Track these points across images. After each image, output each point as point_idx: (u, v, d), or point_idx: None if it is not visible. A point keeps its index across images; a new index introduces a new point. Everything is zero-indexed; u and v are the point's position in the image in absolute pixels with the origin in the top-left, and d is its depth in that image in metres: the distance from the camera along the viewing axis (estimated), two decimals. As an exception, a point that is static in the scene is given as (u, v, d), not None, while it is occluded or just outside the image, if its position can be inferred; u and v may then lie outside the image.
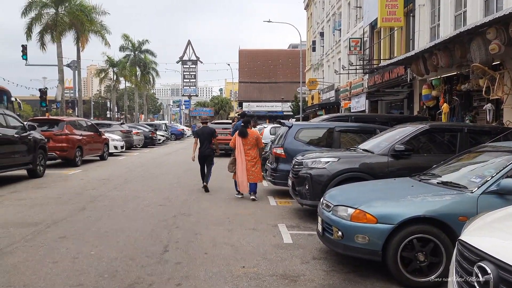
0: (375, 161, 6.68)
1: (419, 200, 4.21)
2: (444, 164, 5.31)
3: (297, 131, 9.26)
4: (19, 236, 5.85)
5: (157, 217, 7.09)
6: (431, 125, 7.05)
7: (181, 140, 40.52)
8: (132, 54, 52.06)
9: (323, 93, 35.50)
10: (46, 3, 29.41)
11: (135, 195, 9.26)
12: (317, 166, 6.88)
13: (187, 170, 14.42)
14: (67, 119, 16.18)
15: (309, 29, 44.84)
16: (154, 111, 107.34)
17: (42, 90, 26.77)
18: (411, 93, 17.71)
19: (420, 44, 15.82)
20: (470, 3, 12.90)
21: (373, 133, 9.00)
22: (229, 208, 8.00)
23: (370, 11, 19.98)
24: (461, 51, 11.52)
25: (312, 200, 6.71)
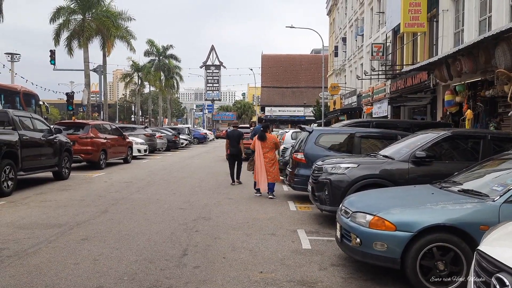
0: (395, 167, 6.61)
1: (439, 208, 4.15)
2: (465, 171, 5.22)
3: (317, 136, 9.26)
4: (43, 237, 6.04)
5: (178, 221, 7.20)
6: (453, 132, 6.94)
7: (204, 144, 40.88)
8: (157, 59, 52.98)
9: (345, 98, 35.27)
10: (73, 9, 30.31)
11: (156, 198, 9.42)
12: (336, 171, 6.86)
13: (209, 174, 14.58)
14: (92, 123, 16.60)
15: (331, 34, 44.68)
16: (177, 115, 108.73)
17: (69, 94, 27.56)
18: (434, 99, 17.42)
19: (444, 49, 15.57)
20: (495, 8, 12.63)
21: (394, 139, 8.89)
22: (249, 212, 8.05)
23: (392, 16, 19.79)
24: (485, 56, 11.30)
25: (332, 205, 6.69)
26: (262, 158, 10.00)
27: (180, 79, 57.78)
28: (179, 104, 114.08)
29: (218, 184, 11.99)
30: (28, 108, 15.99)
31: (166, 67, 53.62)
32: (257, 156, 10.12)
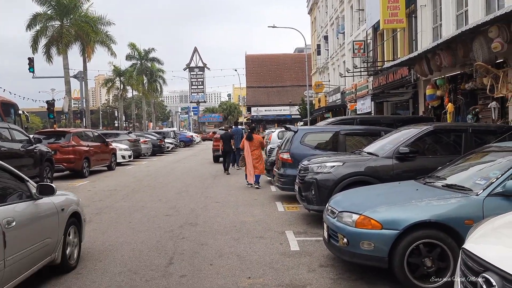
0: (380, 164, 6.62)
1: (424, 204, 4.15)
2: (449, 166, 5.25)
3: (302, 135, 9.24)
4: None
5: (163, 228, 7.09)
6: (435, 126, 6.98)
7: (190, 146, 40.61)
8: (139, 63, 52.47)
9: (329, 96, 35.44)
10: (50, 15, 29.79)
11: (142, 206, 9.28)
12: (322, 170, 6.84)
13: (196, 177, 14.46)
14: (73, 131, 16.32)
15: (313, 33, 44.87)
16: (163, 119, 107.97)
17: (50, 102, 27.04)
18: (416, 93, 17.60)
19: (423, 44, 15.72)
20: (472, 2, 12.80)
21: (378, 135, 8.92)
22: (236, 216, 7.98)
23: (372, 14, 19.93)
24: (463, 50, 11.44)
25: (319, 205, 6.67)
26: (250, 155, 11.75)
27: (164, 82, 57.39)
28: (164, 108, 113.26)
29: (205, 188, 11.89)
30: (8, 118, 15.60)
31: (149, 70, 53.14)
32: (246, 153, 11.91)
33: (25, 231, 4.00)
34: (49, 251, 4.53)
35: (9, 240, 3.62)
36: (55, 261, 4.72)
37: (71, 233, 5.13)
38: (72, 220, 5.15)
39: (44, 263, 4.48)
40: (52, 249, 4.58)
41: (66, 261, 4.90)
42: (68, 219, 5.00)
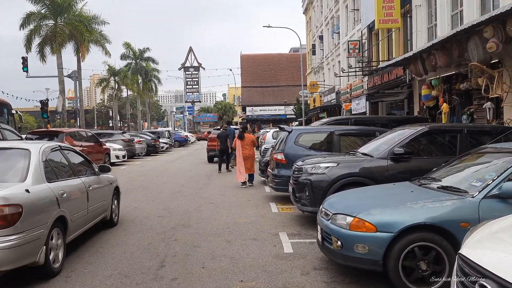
0: (374, 165, 6.56)
1: (419, 207, 4.08)
2: (444, 167, 5.19)
3: (297, 136, 9.17)
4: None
5: (156, 230, 6.98)
6: (430, 127, 6.92)
7: (185, 146, 40.45)
8: (134, 62, 52.20)
9: (324, 96, 35.43)
10: (44, 14, 29.52)
11: (134, 207, 9.17)
12: (316, 171, 6.77)
13: (190, 178, 14.35)
14: (66, 131, 16.16)
15: (308, 33, 44.85)
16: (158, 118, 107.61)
17: (43, 102, 26.78)
18: (411, 93, 17.59)
19: (418, 44, 15.71)
20: (466, 2, 12.79)
21: (373, 135, 8.86)
22: (230, 217, 7.89)
23: (367, 13, 19.90)
24: (459, 50, 11.42)
25: (313, 206, 6.59)
26: (241, 154, 11.89)
27: (159, 82, 57.14)
28: (158, 107, 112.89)
29: (199, 188, 11.79)
30: (1, 117, 15.44)
31: (144, 70, 52.89)
32: (237, 152, 12.09)
33: (95, 193, 6.36)
34: (104, 210, 6.86)
35: (90, 197, 6.09)
36: (106, 218, 7.01)
37: (115, 201, 7.48)
38: (115, 191, 7.55)
39: (101, 218, 6.75)
40: (106, 208, 6.93)
41: (112, 219, 7.25)
42: (113, 190, 7.41)
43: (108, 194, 7.02)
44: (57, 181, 5.27)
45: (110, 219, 7.09)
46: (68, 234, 5.27)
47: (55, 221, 4.85)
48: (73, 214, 5.43)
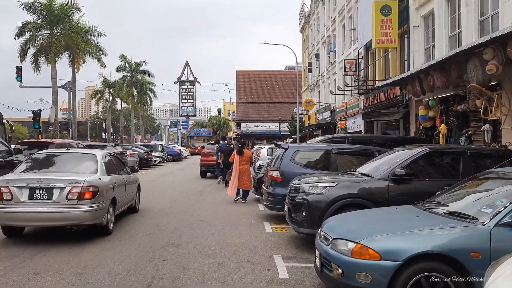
0: (374, 186, 6.31)
1: (426, 234, 3.82)
2: (449, 191, 4.96)
3: (293, 153, 8.92)
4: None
5: (144, 248, 6.64)
6: (431, 148, 6.72)
7: (178, 161, 40.01)
8: (129, 75, 52.03)
9: (319, 114, 35.39)
10: (40, 24, 29.34)
11: (122, 222, 8.80)
12: (314, 191, 6.50)
13: (182, 193, 14.00)
14: (57, 142, 15.77)
15: (304, 50, 45.12)
16: (152, 132, 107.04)
17: (35, 112, 26.38)
18: (407, 113, 17.50)
19: (415, 65, 15.69)
20: (465, 24, 12.79)
21: (371, 155, 8.66)
22: (222, 236, 7.56)
23: (364, 33, 19.98)
24: (457, 71, 11.34)
25: (310, 228, 6.31)
26: (238, 168, 12.00)
27: (154, 95, 56.87)
28: (153, 121, 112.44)
29: (191, 205, 11.45)
30: (-9, 127, 15.11)
31: (139, 83, 52.69)
32: (235, 167, 12.20)
33: (129, 186, 9.02)
34: (133, 198, 9.68)
35: (126, 188, 8.70)
36: (132, 205, 9.78)
37: (137, 194, 10.20)
38: (138, 187, 10.32)
39: (130, 204, 9.54)
40: (133, 198, 9.75)
41: (136, 206, 10.06)
42: (137, 186, 10.19)
43: (135, 188, 9.92)
44: (111, 175, 8.07)
45: (134, 206, 10.00)
46: (115, 210, 8.08)
47: (111, 200, 7.69)
48: (119, 197, 8.25)
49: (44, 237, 7.43)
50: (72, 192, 6.91)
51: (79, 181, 7.04)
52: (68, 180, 7.03)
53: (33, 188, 6.90)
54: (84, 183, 7.01)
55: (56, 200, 6.90)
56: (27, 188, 6.91)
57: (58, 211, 6.88)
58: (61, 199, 6.90)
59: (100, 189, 7.13)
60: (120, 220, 8.99)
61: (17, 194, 6.87)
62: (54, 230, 7.53)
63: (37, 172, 7.66)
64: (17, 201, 6.86)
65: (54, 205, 6.89)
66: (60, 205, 6.89)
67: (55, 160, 8.28)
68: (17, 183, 6.96)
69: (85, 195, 6.94)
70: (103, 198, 7.25)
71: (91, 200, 6.95)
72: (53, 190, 6.93)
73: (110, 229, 7.67)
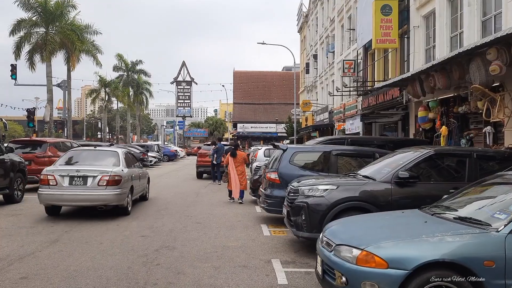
0: (377, 189, 6.08)
1: (437, 241, 3.59)
2: (457, 195, 4.73)
3: (292, 154, 8.69)
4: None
5: (137, 251, 6.38)
6: (436, 150, 6.49)
7: (174, 161, 39.69)
8: (125, 74, 51.67)
9: (316, 115, 35.18)
10: (36, 22, 28.96)
11: (116, 224, 8.54)
12: (314, 194, 6.26)
13: (177, 194, 13.73)
14: (50, 141, 15.49)
15: (302, 51, 44.93)
16: (148, 132, 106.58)
17: (30, 110, 26.04)
18: (406, 115, 17.32)
19: (415, 65, 15.51)
20: (467, 25, 12.61)
21: (372, 157, 8.45)
22: (218, 239, 7.31)
23: (363, 33, 19.79)
24: (459, 72, 11.16)
25: (309, 232, 6.08)
26: (235, 171, 12.01)
27: (150, 95, 56.54)
28: (149, 121, 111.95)
29: (186, 206, 11.19)
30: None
31: (135, 82, 52.34)
32: (230, 169, 12.14)
33: (142, 178, 11.05)
34: (144, 188, 11.53)
35: (140, 179, 10.78)
36: (144, 194, 11.56)
37: (147, 185, 12.18)
38: (148, 179, 12.29)
39: (142, 193, 11.43)
40: (145, 188, 11.59)
41: (146, 196, 11.90)
42: (147, 178, 12.20)
43: (146, 180, 12.02)
44: (130, 168, 10.05)
45: (145, 195, 11.95)
46: (133, 196, 10.07)
47: (130, 187, 9.66)
48: (135, 186, 10.22)
49: (30, 240, 7.17)
50: (102, 179, 8.90)
51: (107, 171, 9.03)
52: (99, 171, 9.01)
53: (72, 177, 8.94)
54: (111, 173, 9.00)
55: (90, 186, 8.91)
56: (67, 177, 8.95)
57: (92, 194, 8.89)
58: (94, 185, 8.90)
59: (123, 178, 9.22)
60: (112, 223, 8.74)
61: (60, 181, 8.91)
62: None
63: (74, 164, 9.69)
64: (60, 186, 8.90)
65: (88, 189, 8.90)
66: (93, 189, 8.89)
67: (87, 155, 10.31)
68: (60, 173, 9.01)
69: (112, 182, 8.93)
70: (125, 185, 9.33)
71: (116, 186, 8.99)
72: (87, 178, 8.94)
73: (128, 210, 9.58)
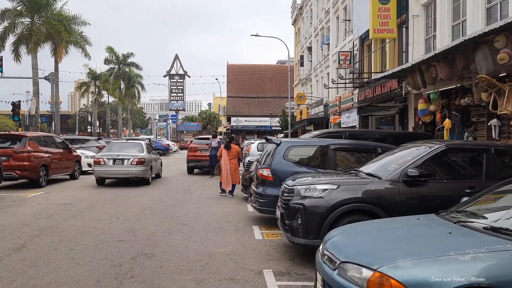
0: (383, 188, 5.36)
1: (469, 259, 2.87)
2: (480, 197, 4.03)
3: (286, 149, 7.94)
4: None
5: (111, 260, 5.63)
6: (448, 145, 5.77)
7: (166, 155, 38.79)
8: (117, 67, 50.54)
9: (311, 108, 34.46)
10: (20, 11, 27.85)
11: (94, 226, 7.78)
12: (312, 194, 5.52)
13: (165, 191, 12.98)
14: (30, 135, 14.61)
15: (297, 44, 44.09)
16: (141, 126, 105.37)
17: (15, 104, 25.05)
18: (405, 108, 16.64)
19: (414, 56, 14.81)
20: (471, 12, 11.92)
21: (374, 152, 7.74)
22: (204, 245, 6.56)
23: (360, 24, 19.08)
24: (463, 61, 10.48)
25: (306, 238, 5.35)
26: (227, 163, 11.96)
27: (142, 89, 55.56)
28: (143, 115, 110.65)
29: (173, 205, 10.44)
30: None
31: (127, 75, 51.25)
32: (223, 162, 12.11)
33: (157, 161, 16.62)
34: (158, 169, 16.92)
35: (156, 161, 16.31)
36: (158, 173, 16.91)
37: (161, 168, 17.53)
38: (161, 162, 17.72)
39: (157, 173, 16.76)
40: (159, 169, 17.08)
41: (159, 175, 17.19)
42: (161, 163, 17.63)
43: (159, 163, 17.04)
44: (149, 154, 15.17)
45: (159, 174, 17.04)
46: (152, 172, 15.07)
47: (150, 166, 14.80)
48: (153, 166, 15.27)
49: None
50: (133, 161, 14.22)
51: (136, 155, 14.40)
52: (131, 155, 14.37)
53: (114, 159, 14.27)
54: (138, 156, 14.39)
55: (126, 165, 14.22)
56: (111, 159, 14.25)
57: (127, 170, 14.24)
58: (128, 164, 14.20)
59: (146, 160, 14.54)
60: (89, 224, 7.97)
61: (107, 162, 14.23)
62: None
63: (114, 151, 14.99)
64: (107, 165, 14.22)
65: (125, 167, 14.21)
66: (128, 167, 14.19)
67: (122, 145, 16.17)
68: (107, 156, 14.35)
69: (139, 162, 14.28)
70: (147, 164, 14.68)
71: (142, 165, 14.31)
72: (124, 160, 14.26)
73: (149, 181, 14.92)
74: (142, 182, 14.53)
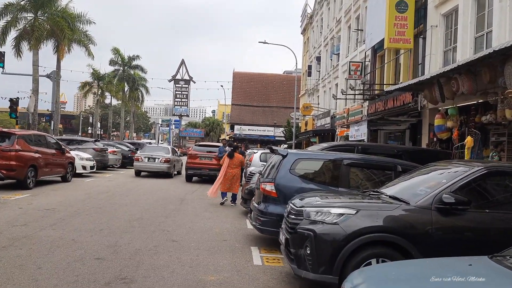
0: (412, 216, 4.43)
1: None
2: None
3: (293, 162, 7.03)
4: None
5: (81, 284, 4.70)
6: (490, 167, 4.84)
7: (165, 161, 37.96)
8: (121, 69, 49.99)
9: (318, 119, 33.55)
10: (23, 6, 27.24)
11: (72, 239, 6.86)
12: (324, 219, 4.59)
13: (159, 200, 12.07)
14: (19, 133, 13.75)
15: (305, 53, 43.38)
16: (145, 130, 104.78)
17: (13, 100, 24.32)
18: (419, 123, 15.75)
19: (431, 69, 13.95)
20: (497, 23, 11.06)
21: (393, 170, 6.83)
22: (194, 268, 5.63)
23: (373, 33, 18.28)
24: (490, 75, 9.64)
25: (316, 272, 4.42)
26: (226, 171, 11.89)
27: (146, 92, 54.88)
28: (147, 119, 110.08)
29: (165, 216, 9.52)
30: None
31: (131, 78, 50.64)
32: (222, 169, 12.01)
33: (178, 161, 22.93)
34: (179, 168, 22.74)
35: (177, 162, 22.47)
36: (179, 171, 22.49)
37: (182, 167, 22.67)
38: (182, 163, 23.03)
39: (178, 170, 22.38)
40: (179, 168, 22.67)
41: (180, 172, 22.54)
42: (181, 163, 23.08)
43: (180, 163, 22.80)
44: (173, 156, 21.32)
45: (180, 171, 22.28)
46: (174, 171, 20.93)
47: (173, 165, 20.82)
48: (176, 165, 21.44)
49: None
50: (162, 159, 19.58)
51: (164, 156, 19.88)
52: (160, 155, 19.78)
53: (149, 158, 19.63)
54: (166, 157, 19.81)
55: (157, 163, 19.54)
56: (146, 157, 19.67)
57: (158, 166, 19.61)
58: (158, 162, 19.52)
59: (171, 160, 19.95)
60: (68, 235, 7.05)
61: (144, 159, 19.66)
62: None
63: (149, 152, 20.45)
64: (144, 162, 19.65)
65: (156, 164, 19.57)
66: (159, 164, 19.56)
67: (154, 148, 23.02)
68: (144, 155, 19.81)
69: (166, 161, 19.64)
70: (172, 163, 20.07)
71: (168, 163, 19.73)
72: (155, 158, 19.58)
73: (172, 175, 20.22)
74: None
